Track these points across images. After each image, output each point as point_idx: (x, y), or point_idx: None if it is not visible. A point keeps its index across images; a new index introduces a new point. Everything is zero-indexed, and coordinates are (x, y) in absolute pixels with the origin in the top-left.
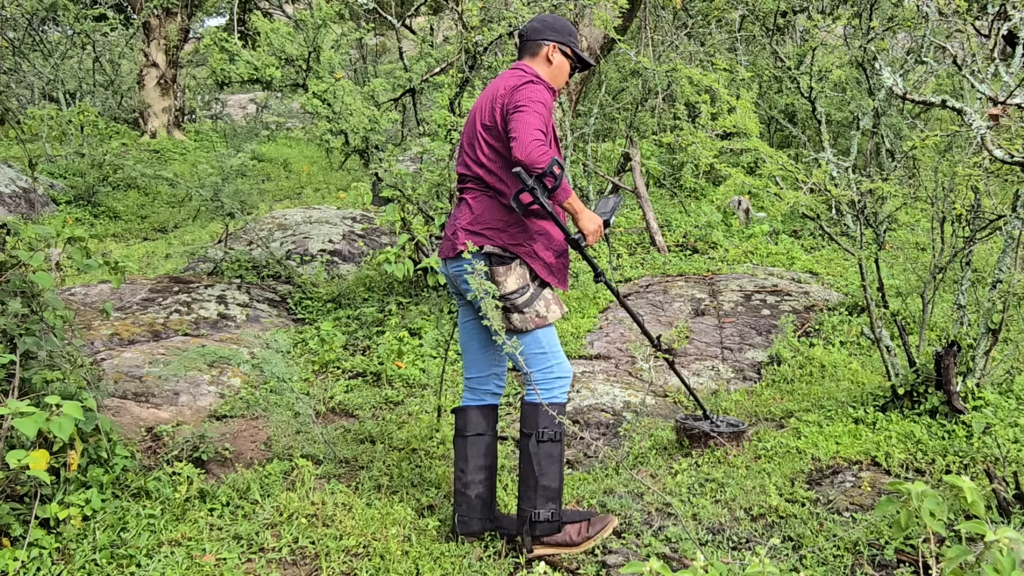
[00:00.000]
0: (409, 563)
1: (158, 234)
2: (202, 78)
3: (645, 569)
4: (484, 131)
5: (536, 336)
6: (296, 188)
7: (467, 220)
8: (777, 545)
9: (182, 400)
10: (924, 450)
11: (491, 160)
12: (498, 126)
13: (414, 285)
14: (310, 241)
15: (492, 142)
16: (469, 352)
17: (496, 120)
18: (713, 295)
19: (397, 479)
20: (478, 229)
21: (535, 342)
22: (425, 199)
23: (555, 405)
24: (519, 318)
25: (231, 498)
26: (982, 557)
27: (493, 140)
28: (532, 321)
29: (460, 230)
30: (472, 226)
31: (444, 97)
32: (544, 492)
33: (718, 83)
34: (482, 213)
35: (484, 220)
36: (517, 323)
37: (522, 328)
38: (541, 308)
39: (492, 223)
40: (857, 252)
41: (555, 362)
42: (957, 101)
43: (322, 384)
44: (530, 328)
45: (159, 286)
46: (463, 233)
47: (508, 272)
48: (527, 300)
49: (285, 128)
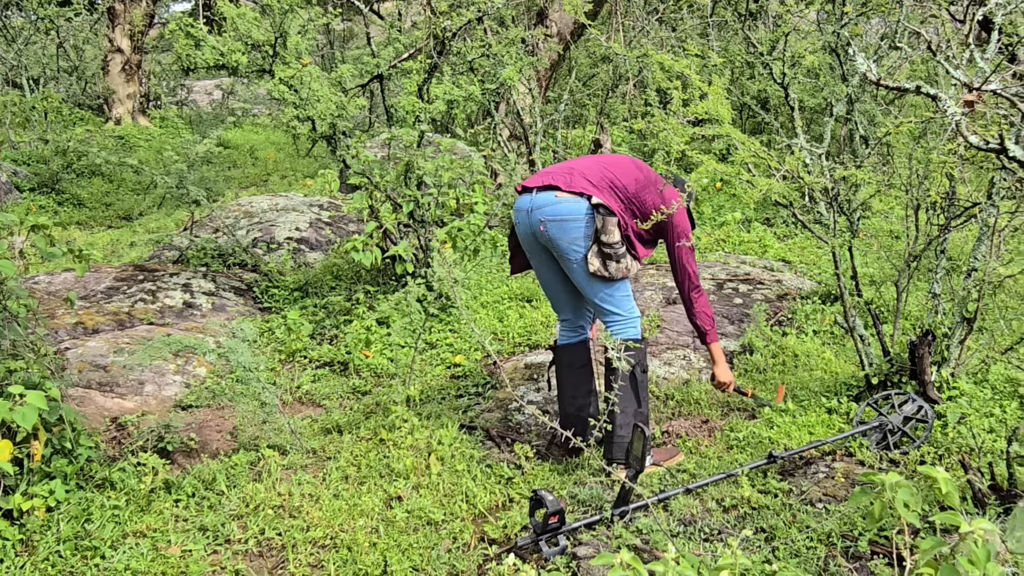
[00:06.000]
0: (377, 555)
1: (123, 222)
2: (167, 64)
3: (616, 561)
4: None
5: (625, 283)
6: (262, 175)
7: (594, 174)
8: (749, 536)
9: (147, 390)
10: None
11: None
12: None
13: (382, 273)
14: (277, 229)
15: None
16: (559, 298)
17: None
18: None
19: (365, 470)
20: (601, 186)
21: (624, 287)
22: (393, 186)
23: (641, 340)
24: (615, 267)
25: (196, 489)
26: (957, 549)
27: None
28: (623, 271)
29: (580, 175)
30: (594, 180)
31: (412, 83)
32: (642, 418)
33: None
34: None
35: (616, 186)
36: (613, 271)
37: (616, 275)
38: (629, 262)
39: (616, 195)
40: (830, 240)
41: (634, 305)
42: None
43: (289, 373)
44: (620, 277)
45: (124, 274)
46: (582, 179)
47: (615, 226)
48: (623, 253)
49: (251, 114)
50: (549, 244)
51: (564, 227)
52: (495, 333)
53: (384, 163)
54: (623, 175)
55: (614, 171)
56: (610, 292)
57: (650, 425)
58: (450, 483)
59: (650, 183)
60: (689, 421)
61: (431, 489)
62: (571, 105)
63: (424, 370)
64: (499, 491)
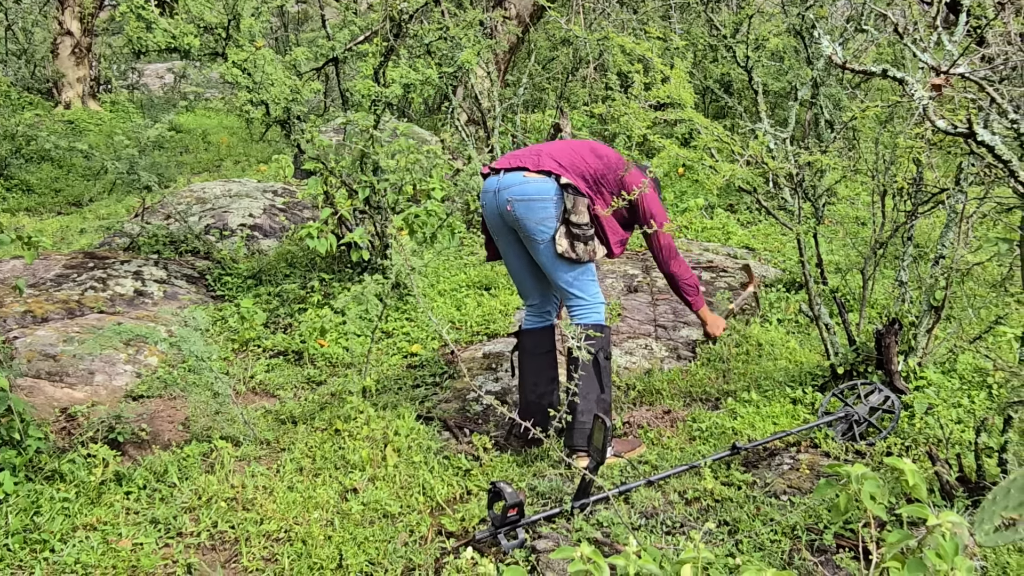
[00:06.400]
0: (332, 548)
1: (72, 208)
2: (118, 47)
3: (576, 554)
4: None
5: (591, 267)
6: (215, 160)
7: (562, 157)
8: (712, 530)
9: (97, 380)
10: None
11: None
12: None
13: (337, 261)
14: (230, 215)
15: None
16: (526, 282)
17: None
18: (647, 271)
19: (320, 461)
20: (570, 167)
21: (590, 271)
22: (349, 172)
23: (604, 327)
24: (583, 248)
25: (148, 481)
26: (924, 542)
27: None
28: (589, 253)
29: (548, 156)
30: (562, 162)
31: (368, 67)
32: (604, 405)
33: (651, 52)
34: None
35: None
36: (580, 252)
37: (583, 258)
38: (596, 245)
39: (583, 178)
40: (795, 227)
41: (599, 290)
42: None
43: (242, 363)
44: (587, 259)
45: (74, 262)
46: (550, 160)
47: (585, 207)
48: (592, 235)
49: (204, 98)
50: (516, 225)
51: (532, 207)
52: (453, 322)
53: (340, 148)
54: (591, 159)
55: (582, 155)
56: (576, 275)
57: (611, 415)
58: (407, 475)
59: (614, 168)
60: (651, 411)
61: (387, 481)
62: (530, 89)
63: (380, 359)
64: (457, 483)
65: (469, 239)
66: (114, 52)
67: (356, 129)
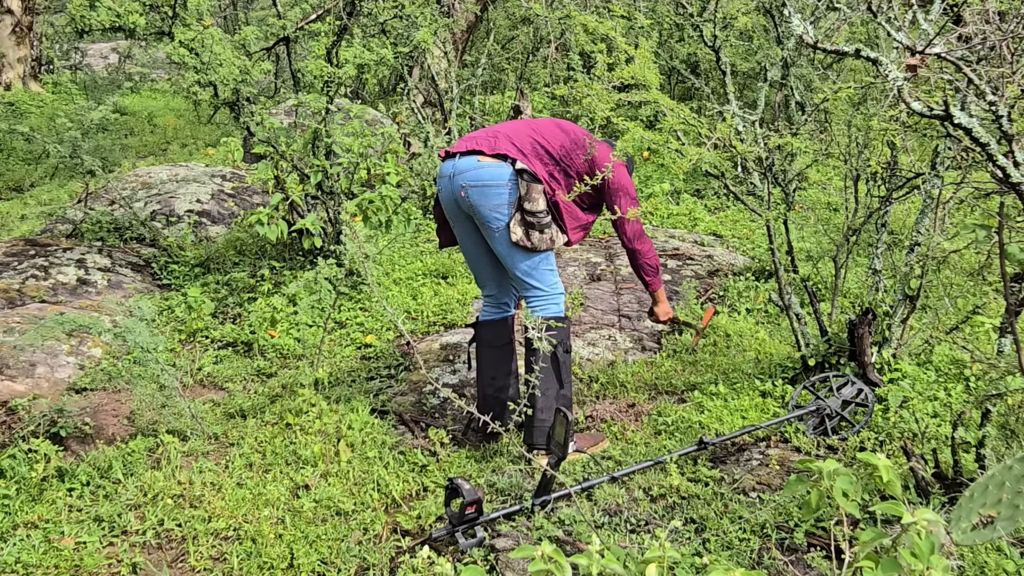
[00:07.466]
0: (283, 547)
1: (13, 193)
2: (60, 26)
3: (537, 553)
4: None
5: (549, 256)
6: (161, 144)
7: (520, 139)
8: (678, 528)
9: (39, 372)
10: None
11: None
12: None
13: (288, 248)
14: (176, 201)
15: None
16: (483, 271)
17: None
18: (610, 259)
19: (270, 457)
20: (527, 151)
21: (547, 260)
22: (300, 156)
23: (564, 319)
24: (538, 237)
25: (91, 477)
26: (899, 540)
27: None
28: (547, 242)
29: (505, 138)
30: (520, 145)
31: (321, 46)
32: (565, 401)
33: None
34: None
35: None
36: (536, 241)
37: (539, 247)
38: (555, 233)
39: (544, 159)
40: (765, 213)
41: (558, 280)
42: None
43: (189, 354)
44: (543, 248)
45: (14, 249)
46: (507, 143)
47: (540, 194)
48: (548, 223)
49: (149, 79)
50: (471, 211)
51: (486, 193)
52: (408, 312)
53: (291, 131)
54: (552, 139)
55: (543, 135)
56: (533, 264)
57: (573, 409)
58: (361, 471)
59: (578, 146)
60: (614, 405)
61: (340, 477)
62: (489, 69)
63: (333, 351)
64: (413, 479)
65: (425, 225)
66: (56, 31)
67: (308, 111)
